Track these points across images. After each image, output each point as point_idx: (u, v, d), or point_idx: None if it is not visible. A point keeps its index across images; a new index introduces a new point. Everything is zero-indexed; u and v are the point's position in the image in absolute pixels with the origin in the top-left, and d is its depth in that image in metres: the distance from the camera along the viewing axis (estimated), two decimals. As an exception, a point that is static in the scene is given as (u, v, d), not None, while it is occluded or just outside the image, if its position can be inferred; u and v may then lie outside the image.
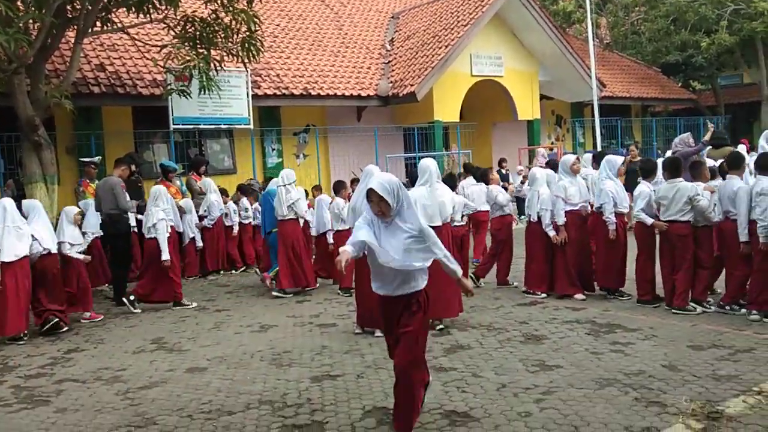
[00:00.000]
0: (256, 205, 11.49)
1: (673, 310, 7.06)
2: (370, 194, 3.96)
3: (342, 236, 8.85)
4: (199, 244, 10.87)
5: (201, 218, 11.00)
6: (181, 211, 10.43)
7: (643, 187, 7.51)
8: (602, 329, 6.58)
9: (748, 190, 6.55)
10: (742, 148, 11.36)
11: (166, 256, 8.45)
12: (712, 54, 21.85)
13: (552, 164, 10.74)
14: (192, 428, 4.65)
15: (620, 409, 4.54)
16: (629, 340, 6.14)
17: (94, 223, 9.52)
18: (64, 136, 12.50)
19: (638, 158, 12.15)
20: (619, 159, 8.32)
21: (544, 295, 8.20)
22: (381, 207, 3.96)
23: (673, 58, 22.76)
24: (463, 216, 9.23)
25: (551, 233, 8.12)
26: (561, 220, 8.02)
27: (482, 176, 10.16)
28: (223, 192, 11.60)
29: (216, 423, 4.70)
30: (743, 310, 6.77)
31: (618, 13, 23.89)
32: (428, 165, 7.03)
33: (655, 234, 7.45)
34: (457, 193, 9.15)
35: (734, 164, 6.96)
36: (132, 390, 5.54)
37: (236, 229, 11.39)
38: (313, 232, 10.04)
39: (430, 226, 6.86)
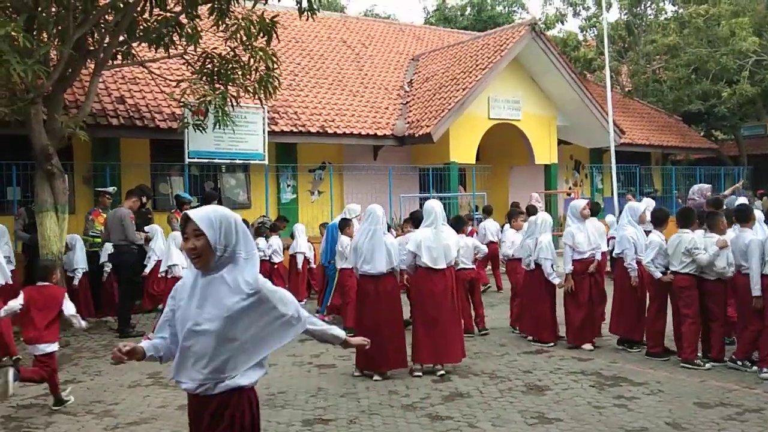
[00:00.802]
0: (274, 240, 11.58)
1: (681, 365, 6.86)
2: (185, 226, 2.76)
3: (345, 274, 8.78)
4: (179, 273, 10.48)
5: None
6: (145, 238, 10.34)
7: (654, 236, 7.35)
8: (607, 382, 6.39)
9: (760, 243, 6.39)
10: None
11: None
12: (734, 104, 21.71)
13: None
14: (175, 469, 4.53)
15: (618, 468, 4.36)
16: (634, 395, 5.94)
17: (81, 258, 9.68)
18: (82, 166, 12.65)
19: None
20: (642, 206, 8.21)
21: (552, 344, 7.99)
22: (197, 247, 2.71)
23: (695, 107, 22.62)
24: (476, 258, 9.13)
25: (555, 281, 7.97)
26: (568, 268, 7.86)
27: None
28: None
29: (200, 464, 4.57)
30: (755, 368, 6.54)
31: (639, 60, 23.89)
32: (433, 206, 6.97)
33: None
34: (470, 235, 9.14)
35: (743, 217, 6.80)
36: (121, 425, 5.45)
37: None
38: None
39: (434, 269, 6.88)
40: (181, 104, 11.27)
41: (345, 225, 9.38)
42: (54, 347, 5.89)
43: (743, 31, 19.64)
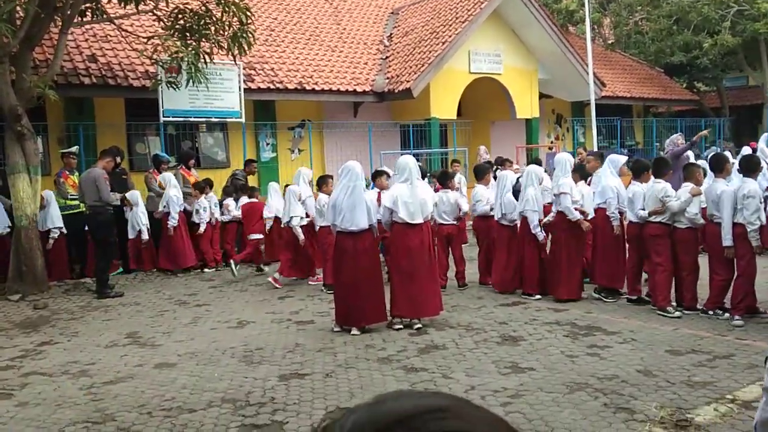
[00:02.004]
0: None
1: (657, 312, 6.95)
2: None
3: (323, 232, 8.76)
4: (145, 237, 10.48)
5: (166, 215, 10.61)
6: (127, 204, 10.46)
7: (636, 187, 7.38)
8: (581, 332, 6.46)
9: (732, 193, 6.42)
10: (747, 150, 11.21)
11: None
12: (716, 55, 21.61)
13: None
14: (150, 425, 4.56)
15: (587, 414, 4.43)
16: (607, 344, 6.02)
17: (56, 215, 9.57)
18: (56, 126, 12.42)
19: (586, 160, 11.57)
20: (622, 158, 8.20)
21: (538, 297, 8.03)
22: None
23: (677, 59, 22.50)
24: (462, 216, 9.06)
25: (541, 235, 7.98)
26: (576, 215, 7.75)
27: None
28: (209, 184, 11.41)
29: (174, 421, 4.60)
30: (727, 315, 6.64)
31: (621, 12, 23.64)
32: (407, 162, 6.93)
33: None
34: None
35: (718, 167, 6.81)
36: (96, 385, 5.46)
37: (203, 227, 11.02)
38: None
39: (411, 224, 6.86)
40: (154, 61, 11.04)
41: (323, 182, 9.32)
42: None
43: (725, -20, 19.47)
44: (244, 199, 11.32)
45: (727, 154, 8.55)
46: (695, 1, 20.57)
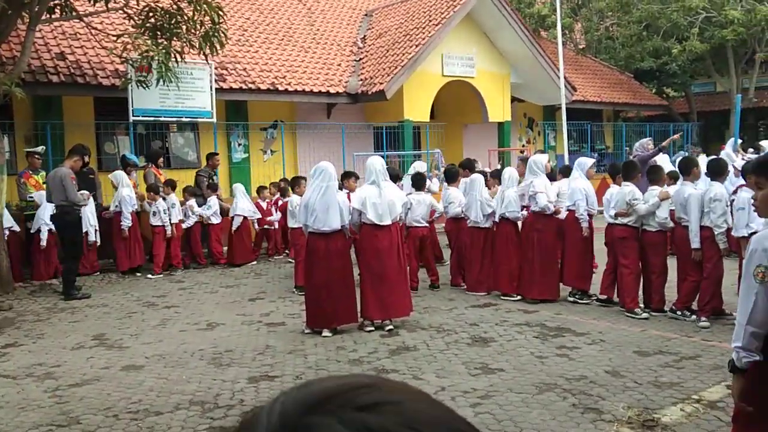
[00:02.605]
0: (212, 200, 11.37)
1: (626, 314, 7.04)
2: None
3: (296, 233, 8.71)
4: (92, 238, 10.18)
5: (118, 214, 10.41)
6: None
7: (614, 190, 7.49)
8: (551, 333, 6.51)
9: (699, 196, 6.52)
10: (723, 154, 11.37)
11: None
12: (685, 61, 22.00)
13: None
14: (116, 428, 4.49)
15: (556, 415, 4.46)
16: (576, 345, 6.07)
17: (47, 215, 9.37)
18: (23, 125, 12.18)
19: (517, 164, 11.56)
20: (590, 161, 8.29)
21: (519, 297, 8.06)
22: None
23: (647, 64, 22.86)
24: (436, 217, 9.11)
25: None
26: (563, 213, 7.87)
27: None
28: (171, 185, 11.22)
29: (141, 424, 4.54)
30: (693, 317, 6.74)
31: (592, 17, 23.95)
32: (374, 163, 6.94)
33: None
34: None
35: (686, 170, 6.92)
36: (62, 387, 5.36)
37: (169, 231, 10.76)
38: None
39: (380, 226, 6.86)
40: (124, 60, 10.89)
41: (295, 184, 9.27)
42: None
43: (693, -12, 19.80)
44: (213, 199, 11.26)
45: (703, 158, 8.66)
46: (664, 8, 20.90)
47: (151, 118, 12.31)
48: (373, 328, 6.83)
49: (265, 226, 11.95)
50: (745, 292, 2.69)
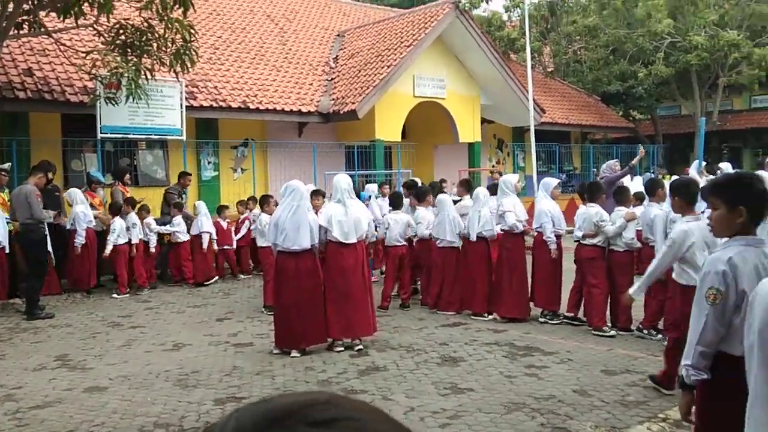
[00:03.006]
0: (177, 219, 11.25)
1: (593, 332, 7.10)
2: None
3: (264, 253, 8.65)
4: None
5: (73, 232, 10.18)
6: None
7: (582, 209, 7.57)
8: (520, 352, 6.54)
9: (664, 216, 6.63)
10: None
11: None
12: (651, 85, 22.50)
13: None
14: (77, 452, 4.37)
15: (524, 434, 4.46)
16: (545, 364, 6.10)
17: (3, 233, 9.16)
18: (-12, 141, 11.97)
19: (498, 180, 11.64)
20: (554, 181, 8.39)
21: (493, 317, 8.08)
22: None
23: (614, 87, 23.35)
24: (415, 237, 9.17)
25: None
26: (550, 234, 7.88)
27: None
28: (131, 204, 10.94)
29: (104, 447, 4.44)
30: (659, 336, 6.82)
31: (561, 41, 24.40)
32: (340, 181, 6.95)
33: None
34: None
35: (652, 191, 7.04)
36: (22, 410, 5.22)
37: (134, 250, 10.58)
38: None
39: (345, 244, 6.85)
40: (92, 77, 10.79)
41: (264, 202, 9.23)
42: None
43: (659, 13, 20.32)
44: (178, 218, 11.15)
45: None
46: (631, 33, 21.40)
47: (120, 136, 12.18)
48: (342, 348, 6.79)
49: (226, 246, 11.79)
50: (697, 312, 2.77)
